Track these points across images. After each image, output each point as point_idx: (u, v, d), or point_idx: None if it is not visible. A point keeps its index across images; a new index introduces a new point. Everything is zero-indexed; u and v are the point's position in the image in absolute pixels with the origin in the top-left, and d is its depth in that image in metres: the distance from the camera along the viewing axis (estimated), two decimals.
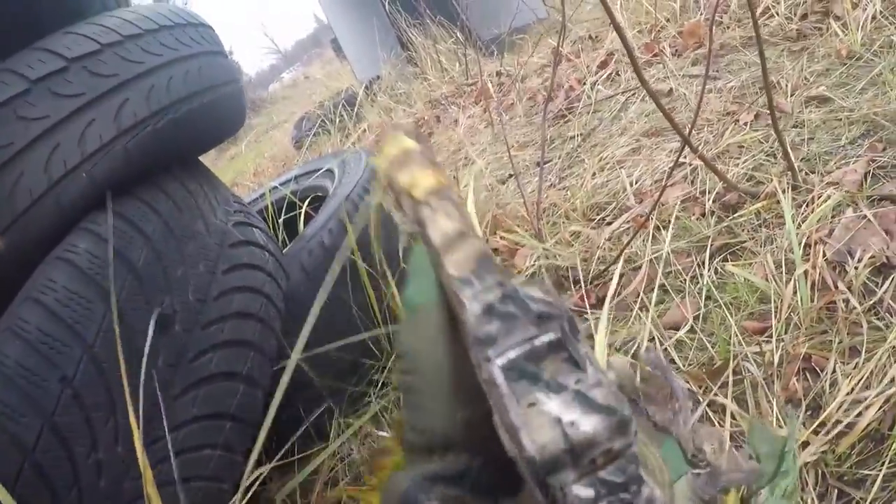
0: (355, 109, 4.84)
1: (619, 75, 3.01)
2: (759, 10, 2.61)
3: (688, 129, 1.50)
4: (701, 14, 3.16)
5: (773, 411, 1.06)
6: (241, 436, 1.07)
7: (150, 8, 1.26)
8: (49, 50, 1.07)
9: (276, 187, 2.02)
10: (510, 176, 2.49)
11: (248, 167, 5.41)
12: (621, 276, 1.54)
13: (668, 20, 3.30)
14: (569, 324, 0.37)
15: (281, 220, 1.83)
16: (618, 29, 1.26)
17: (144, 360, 0.82)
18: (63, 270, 0.92)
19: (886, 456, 0.95)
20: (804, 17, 2.64)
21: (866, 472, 0.96)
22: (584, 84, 3.03)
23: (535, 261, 1.68)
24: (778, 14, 2.70)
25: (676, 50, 2.96)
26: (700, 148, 1.89)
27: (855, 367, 1.08)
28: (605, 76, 3.04)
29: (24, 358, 0.86)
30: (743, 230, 1.53)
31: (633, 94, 2.70)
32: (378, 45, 5.06)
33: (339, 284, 1.35)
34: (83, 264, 0.92)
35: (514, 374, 0.35)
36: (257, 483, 1.10)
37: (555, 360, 0.36)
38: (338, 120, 4.72)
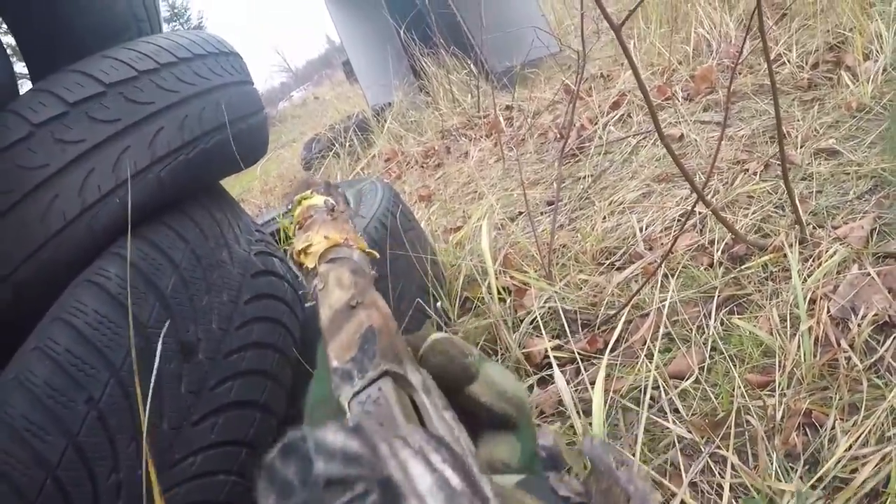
0: (366, 135, 4.87)
1: (630, 117, 3.04)
2: (770, 58, 2.65)
3: (699, 180, 1.52)
4: (713, 59, 3.20)
5: (772, 465, 1.08)
6: (255, 463, 1.08)
7: (184, 35, 1.28)
8: (87, 73, 1.09)
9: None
10: (520, 213, 2.52)
11: (254, 184, 5.44)
12: (629, 322, 1.56)
13: (680, 63, 3.34)
14: (381, 494, 0.20)
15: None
16: (641, 84, 1.30)
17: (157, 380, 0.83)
18: (93, 293, 0.94)
19: None
20: (815, 66, 2.68)
21: None
22: (596, 124, 3.06)
23: (543, 302, 1.69)
24: (789, 62, 2.73)
25: (688, 94, 2.98)
26: (710, 196, 1.90)
27: (854, 425, 1.10)
28: (616, 117, 3.07)
29: (52, 378, 0.87)
30: (750, 282, 1.54)
31: (645, 138, 2.73)
32: (391, 72, 5.11)
33: None
34: (113, 289, 0.94)
35: None
36: None
37: None
38: (348, 144, 4.75)
